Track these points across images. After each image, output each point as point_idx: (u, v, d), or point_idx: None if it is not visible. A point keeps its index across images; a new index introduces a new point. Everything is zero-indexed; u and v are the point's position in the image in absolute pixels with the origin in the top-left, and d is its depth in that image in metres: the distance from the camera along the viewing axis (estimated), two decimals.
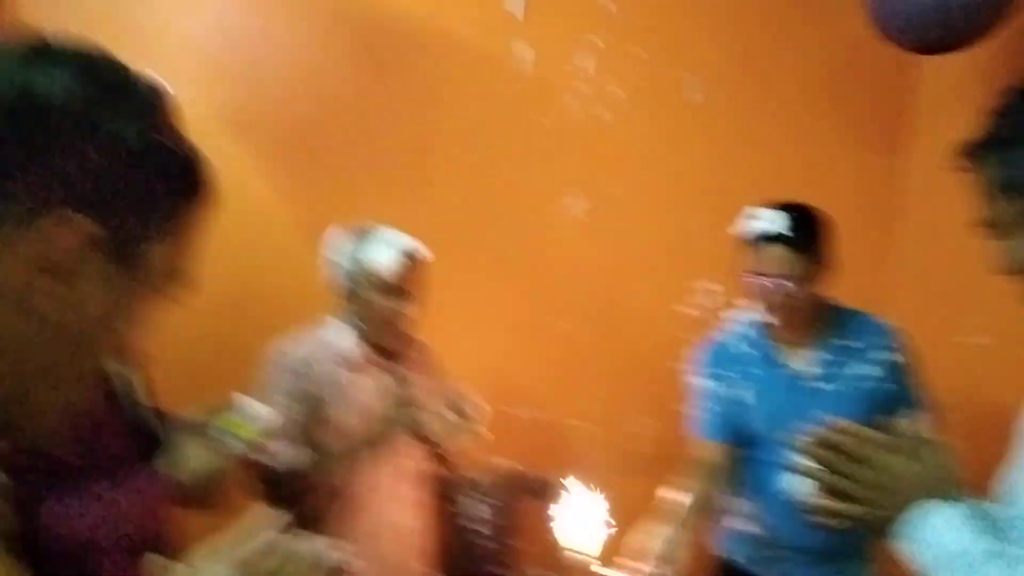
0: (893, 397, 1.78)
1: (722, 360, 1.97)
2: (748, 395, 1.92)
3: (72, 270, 0.51)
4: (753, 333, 1.94)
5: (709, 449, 2.01)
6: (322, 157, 2.42)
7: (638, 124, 2.57)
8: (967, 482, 0.95)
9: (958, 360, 2.42)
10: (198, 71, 2.27)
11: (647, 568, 1.67)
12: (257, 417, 1.32)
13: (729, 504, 2.01)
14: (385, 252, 1.76)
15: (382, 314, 1.78)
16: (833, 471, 0.95)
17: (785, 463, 1.74)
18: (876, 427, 0.97)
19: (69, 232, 0.50)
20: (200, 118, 2.23)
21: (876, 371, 1.80)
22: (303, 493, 1.74)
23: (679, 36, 2.58)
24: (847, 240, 1.90)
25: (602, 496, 1.60)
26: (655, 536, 1.74)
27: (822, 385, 1.83)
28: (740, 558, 2.00)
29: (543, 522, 2.30)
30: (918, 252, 2.70)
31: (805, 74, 2.68)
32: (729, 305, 2.30)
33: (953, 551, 0.86)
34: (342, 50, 2.37)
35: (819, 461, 0.96)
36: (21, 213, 0.49)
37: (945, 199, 2.56)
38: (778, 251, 1.73)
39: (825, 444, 0.96)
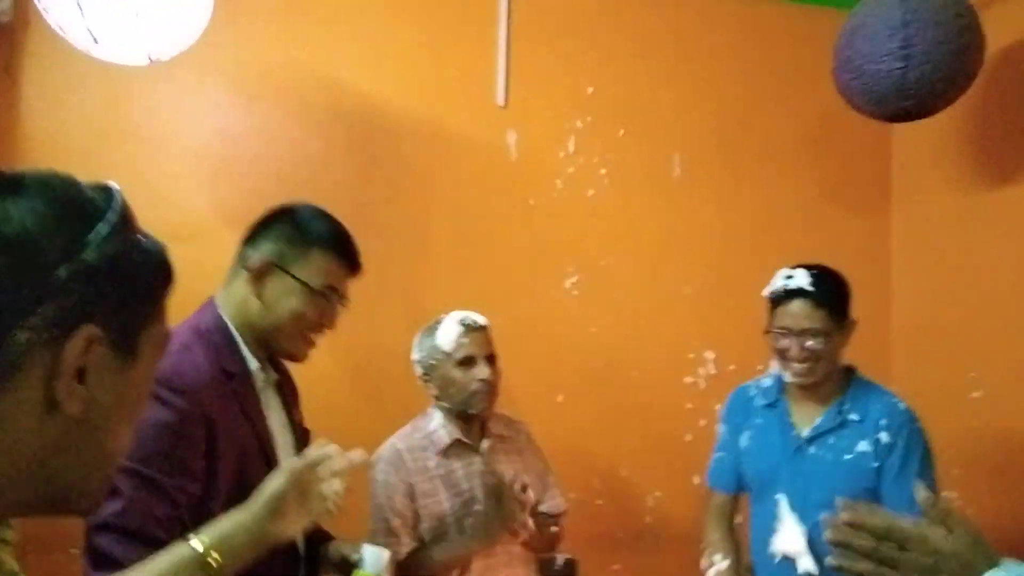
0: (876, 474, 1.78)
1: (735, 407, 2.03)
2: (745, 442, 1.97)
3: (85, 369, 0.57)
4: (771, 386, 1.97)
5: (719, 499, 2.04)
6: None
7: (621, 199, 2.66)
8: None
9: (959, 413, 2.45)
10: (200, 172, 2.32)
11: None
12: (375, 563, 1.40)
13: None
14: (445, 329, 1.89)
15: (463, 385, 1.86)
16: (877, 560, 0.93)
17: (776, 525, 1.83)
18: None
19: (81, 340, 0.56)
20: (204, 217, 2.29)
21: (864, 447, 1.80)
22: None
23: (655, 114, 2.70)
24: None
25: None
26: None
27: (811, 448, 1.85)
28: None
29: None
30: (915, 308, 2.75)
31: (780, 144, 2.79)
32: (725, 370, 2.33)
33: None
34: (337, 145, 2.44)
35: (859, 551, 0.94)
36: (43, 339, 0.55)
37: (933, 252, 2.65)
38: (799, 305, 1.79)
39: (860, 530, 0.94)
